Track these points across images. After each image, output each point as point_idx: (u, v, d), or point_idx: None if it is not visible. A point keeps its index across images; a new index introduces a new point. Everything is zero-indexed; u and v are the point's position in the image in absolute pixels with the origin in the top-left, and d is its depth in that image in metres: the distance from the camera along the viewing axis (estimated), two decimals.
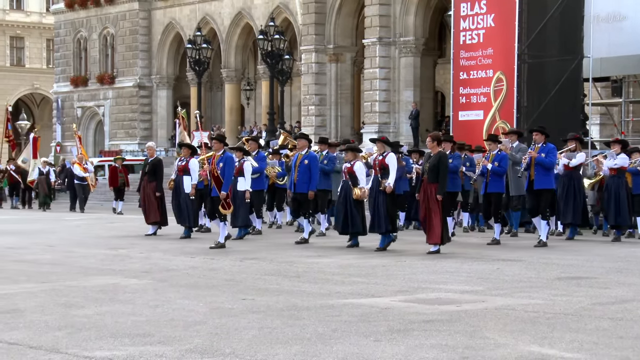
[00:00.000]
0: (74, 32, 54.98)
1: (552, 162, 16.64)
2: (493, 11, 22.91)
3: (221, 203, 16.50)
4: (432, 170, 15.13)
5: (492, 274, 12.94)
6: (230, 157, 16.95)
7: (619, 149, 17.95)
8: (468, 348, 7.59)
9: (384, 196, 15.68)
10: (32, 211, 34.29)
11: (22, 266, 14.14)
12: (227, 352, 7.47)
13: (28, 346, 7.72)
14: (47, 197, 34.89)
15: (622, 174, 17.91)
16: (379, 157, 15.95)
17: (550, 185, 16.74)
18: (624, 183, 17.89)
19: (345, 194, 16.37)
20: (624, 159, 17.84)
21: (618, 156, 17.89)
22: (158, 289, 11.37)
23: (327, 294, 10.80)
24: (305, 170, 17.58)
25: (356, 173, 16.13)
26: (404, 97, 38.72)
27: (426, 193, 15.20)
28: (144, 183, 20.23)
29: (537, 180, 16.53)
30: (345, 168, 16.45)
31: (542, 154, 16.47)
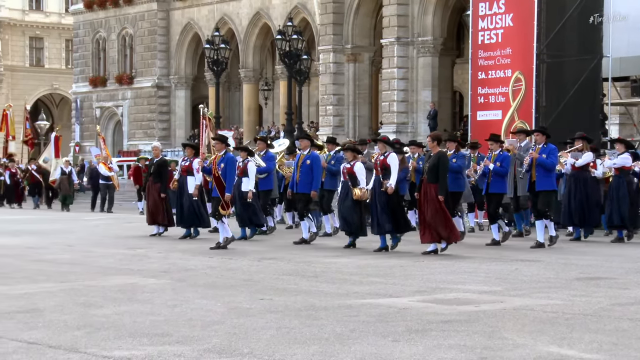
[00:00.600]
0: (92, 32, 55.17)
1: (553, 163, 16.40)
2: (512, 11, 22.82)
3: (221, 204, 16.38)
4: (431, 171, 15.00)
5: (511, 274, 12.90)
6: (232, 157, 16.82)
7: (622, 148, 17.67)
8: (486, 348, 7.57)
9: (386, 197, 15.52)
10: (53, 211, 34.39)
11: (41, 266, 14.20)
12: (245, 352, 7.48)
13: (47, 345, 7.75)
14: (68, 197, 34.95)
15: (626, 173, 17.61)
16: (381, 158, 15.80)
17: (551, 187, 16.50)
18: (625, 183, 17.59)
19: (346, 194, 16.24)
20: (625, 159, 17.51)
21: (619, 156, 17.59)
22: (176, 288, 11.40)
23: (345, 294, 10.80)
24: (307, 171, 17.44)
25: (356, 173, 15.94)
26: (422, 97, 38.67)
27: (426, 193, 15.08)
28: (149, 184, 20.25)
29: (538, 181, 16.30)
30: (344, 168, 16.29)
31: (543, 154, 16.25)
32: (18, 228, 23.25)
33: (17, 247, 17.68)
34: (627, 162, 17.58)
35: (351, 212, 16.17)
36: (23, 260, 14.98)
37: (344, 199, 16.36)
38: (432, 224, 14.96)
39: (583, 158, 17.97)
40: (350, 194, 16.07)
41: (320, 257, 15.21)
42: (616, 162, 17.56)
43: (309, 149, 17.83)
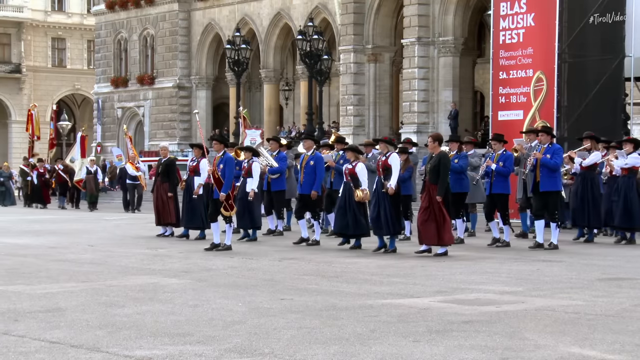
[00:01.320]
0: (114, 33, 55.38)
1: (556, 164, 16.10)
2: (533, 10, 22.74)
3: (223, 205, 16.19)
4: (432, 171, 14.86)
5: (532, 274, 12.86)
6: (230, 158, 16.57)
7: (630, 148, 17.30)
8: (508, 349, 7.55)
9: (387, 198, 15.35)
10: (79, 211, 34.45)
11: (63, 265, 14.27)
12: (266, 351, 7.48)
13: (69, 345, 7.79)
14: (94, 197, 35.02)
15: (634, 174, 17.29)
16: (382, 158, 15.63)
17: (556, 187, 16.23)
18: (634, 183, 17.25)
19: (347, 196, 15.96)
20: (636, 159, 17.19)
21: (629, 155, 17.23)
22: (197, 288, 11.42)
23: (366, 294, 10.79)
24: (311, 172, 17.25)
25: (358, 174, 15.70)
26: (442, 97, 38.61)
27: (429, 194, 14.94)
28: (157, 184, 20.19)
29: (542, 182, 16.06)
30: (346, 169, 16.03)
31: (548, 154, 16.00)
32: (40, 228, 23.37)
33: (40, 246, 17.77)
34: (638, 162, 17.25)
35: (355, 214, 15.89)
36: (45, 260, 15.06)
37: (345, 200, 16.02)
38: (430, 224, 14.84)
39: (590, 157, 17.75)
40: (352, 196, 15.80)
41: (341, 257, 15.21)
42: (627, 162, 17.18)
43: (313, 150, 17.64)
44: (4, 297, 10.56)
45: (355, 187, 15.70)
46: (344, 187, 16.17)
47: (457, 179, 17.29)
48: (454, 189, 17.30)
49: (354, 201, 15.79)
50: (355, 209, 15.86)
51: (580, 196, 17.76)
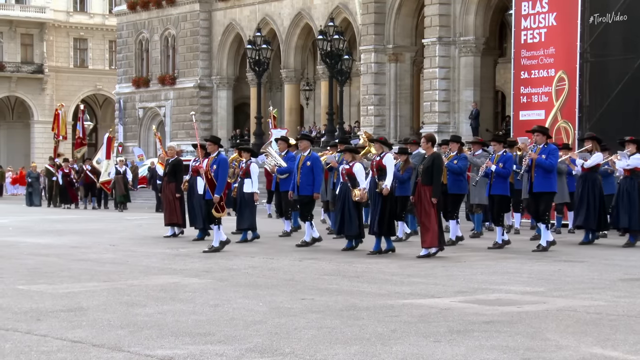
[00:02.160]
0: (135, 33, 55.57)
1: (551, 164, 15.79)
2: (555, 10, 22.67)
3: (215, 206, 15.89)
4: (425, 172, 14.61)
5: (554, 274, 12.82)
6: (224, 159, 16.36)
7: (633, 148, 16.90)
8: (529, 350, 7.53)
9: (381, 198, 15.12)
10: (108, 211, 34.37)
11: (85, 265, 14.34)
12: (287, 351, 7.49)
13: (91, 344, 7.82)
14: (123, 197, 34.97)
15: (637, 175, 16.91)
16: (377, 158, 15.39)
17: (550, 188, 15.93)
18: (637, 185, 16.89)
19: (344, 196, 15.76)
20: (638, 160, 16.81)
21: (632, 156, 16.86)
22: (218, 288, 11.45)
23: (387, 294, 10.79)
24: (308, 172, 17.04)
25: (355, 174, 15.53)
26: (463, 97, 38.51)
27: (420, 195, 14.72)
28: (164, 184, 20.13)
29: (536, 182, 15.80)
30: (343, 169, 15.82)
31: (543, 155, 15.75)
32: (62, 228, 23.49)
33: (62, 246, 17.86)
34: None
35: (350, 215, 15.70)
36: (67, 260, 15.14)
37: (342, 200, 15.82)
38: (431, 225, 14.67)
39: (592, 159, 17.45)
40: (348, 196, 15.60)
41: (361, 257, 15.21)
42: (630, 164, 16.83)
43: (309, 150, 17.38)
44: (26, 297, 10.62)
45: (353, 187, 15.49)
46: (340, 188, 15.96)
47: (455, 180, 17.12)
48: (452, 190, 17.15)
49: (351, 201, 15.58)
50: (352, 210, 15.67)
51: (581, 198, 17.45)
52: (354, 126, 44.34)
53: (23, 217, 28.88)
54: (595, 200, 17.30)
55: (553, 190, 16.09)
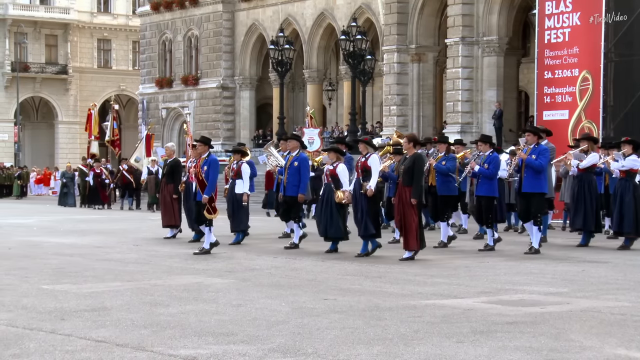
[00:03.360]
0: (159, 34, 55.76)
1: (541, 165, 15.49)
2: (579, 9, 22.58)
3: (206, 207, 15.73)
4: (406, 173, 14.31)
5: (577, 275, 12.77)
6: (215, 160, 16.15)
7: (629, 149, 16.57)
8: (552, 350, 7.50)
9: (366, 199, 14.90)
10: (140, 212, 34.33)
11: (108, 265, 14.40)
12: (310, 351, 7.50)
13: (115, 344, 7.85)
14: (155, 198, 34.76)
15: (632, 177, 16.56)
16: (362, 159, 15.12)
17: (540, 189, 15.62)
18: (631, 187, 16.49)
19: (327, 197, 15.52)
20: (634, 161, 16.46)
21: (628, 157, 16.51)
22: (241, 288, 11.47)
23: (409, 295, 10.78)
24: (295, 173, 16.62)
25: (339, 175, 15.26)
26: (486, 97, 38.39)
27: (401, 197, 14.43)
28: (162, 185, 19.99)
29: (525, 183, 15.55)
30: (327, 170, 15.57)
31: (533, 155, 15.48)
32: (86, 227, 23.61)
33: (86, 246, 17.95)
34: (636, 165, 16.53)
35: (333, 216, 15.46)
36: (91, 260, 15.21)
37: (325, 202, 15.60)
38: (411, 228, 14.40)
39: (587, 159, 17.11)
40: (331, 197, 15.37)
41: (383, 258, 15.19)
42: (624, 165, 16.50)
43: (298, 151, 16.99)
44: (50, 296, 10.68)
45: (336, 189, 15.25)
46: (324, 189, 15.74)
47: (444, 182, 16.94)
48: (441, 192, 16.98)
49: (334, 203, 15.34)
50: (334, 211, 15.42)
51: (577, 199, 17.13)
52: (375, 126, 44.30)
53: (47, 217, 29.04)
54: (591, 201, 16.98)
55: (543, 191, 15.76)
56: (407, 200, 14.32)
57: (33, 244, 18.32)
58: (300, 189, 16.68)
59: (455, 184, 17.38)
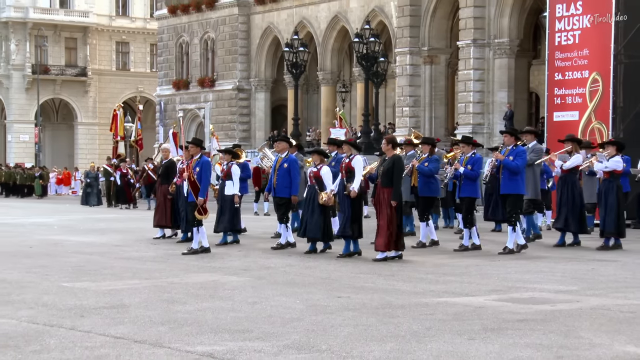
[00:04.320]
0: (176, 36, 55.85)
1: (517, 166, 15.28)
2: (589, 12, 22.51)
3: (197, 208, 15.57)
4: (385, 174, 14.12)
5: (587, 274, 12.74)
6: (207, 161, 16.05)
7: (613, 150, 16.35)
8: (563, 347, 7.49)
9: (349, 200, 14.73)
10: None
11: (127, 263, 14.44)
12: (324, 348, 7.51)
13: (133, 340, 7.88)
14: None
15: (616, 178, 16.31)
16: (346, 160, 14.97)
17: (516, 190, 15.42)
18: (614, 188, 16.23)
19: (311, 199, 15.36)
20: (617, 162, 16.26)
21: (611, 159, 16.29)
22: (256, 286, 11.49)
23: (422, 293, 10.78)
24: (284, 174, 16.42)
25: (323, 177, 15.11)
26: (498, 99, 38.32)
27: (379, 197, 14.24)
28: (157, 185, 19.83)
29: (502, 184, 15.40)
30: (311, 172, 15.41)
31: (511, 157, 15.30)
32: (105, 226, 23.68)
33: (105, 244, 18.00)
34: (619, 166, 16.31)
35: (314, 217, 15.28)
36: (110, 258, 15.26)
37: (309, 203, 15.44)
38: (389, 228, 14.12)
39: (571, 160, 16.87)
40: (315, 199, 15.20)
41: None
42: (608, 166, 16.27)
43: (287, 152, 16.80)
44: (70, 294, 10.73)
45: (320, 190, 15.10)
46: (308, 191, 15.58)
47: (426, 183, 16.77)
48: (422, 193, 16.79)
49: (317, 204, 15.18)
50: (317, 212, 15.27)
51: (561, 200, 16.92)
52: (388, 127, 44.25)
53: (67, 216, 29.14)
54: (574, 202, 16.78)
55: (519, 192, 15.56)
56: (385, 200, 14.13)
57: (53, 243, 18.39)
58: (292, 190, 16.47)
59: (441, 185, 17.27)
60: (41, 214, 30.42)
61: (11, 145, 69.08)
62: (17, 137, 68.81)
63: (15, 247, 17.35)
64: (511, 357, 7.12)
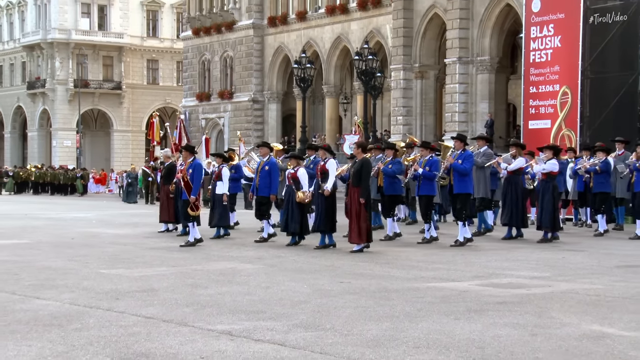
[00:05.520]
0: (199, 55, 55.86)
1: (465, 169, 15.19)
2: (560, 33, 22.46)
3: (190, 205, 15.52)
4: (355, 175, 14.06)
5: (558, 262, 12.72)
6: (199, 164, 15.90)
7: (550, 154, 16.22)
8: (537, 326, 7.48)
9: (323, 198, 14.65)
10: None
11: (156, 253, 14.45)
12: (328, 327, 7.50)
13: (161, 320, 7.88)
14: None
15: (552, 178, 16.16)
16: (321, 163, 14.94)
17: (465, 190, 15.32)
18: (551, 188, 16.07)
19: (290, 197, 15.20)
20: (553, 165, 16.13)
21: (548, 161, 16.13)
22: (269, 272, 11.48)
23: (413, 279, 10.76)
24: (265, 175, 16.34)
25: (299, 178, 14.97)
26: (480, 109, 38.30)
27: (351, 196, 14.16)
28: (160, 185, 19.60)
29: (455, 185, 15.27)
30: (289, 174, 15.28)
31: (460, 160, 15.22)
32: (138, 220, 23.69)
33: (137, 236, 18.02)
34: (555, 168, 16.16)
35: (293, 213, 15.11)
36: (141, 248, 15.26)
37: (287, 201, 15.27)
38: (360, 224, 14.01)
39: (515, 163, 16.71)
40: (293, 197, 15.06)
41: (391, 247, 15.18)
42: (545, 168, 16.11)
43: (268, 156, 16.73)
44: (107, 279, 10.73)
45: (297, 190, 14.96)
46: (286, 190, 15.44)
47: (391, 183, 16.62)
48: (387, 192, 16.66)
49: (295, 202, 15.01)
50: (296, 210, 15.10)
51: (505, 198, 16.74)
52: (384, 134, 44.20)
53: (105, 212, 29.16)
54: (517, 200, 16.59)
55: (468, 191, 15.45)
56: (355, 198, 14.04)
57: (92, 235, 18.40)
58: (271, 190, 16.35)
59: (402, 184, 17.10)
60: (81, 210, 30.45)
61: (56, 150, 69.17)
62: (61, 143, 68.88)
63: (59, 238, 17.37)
64: (491, 335, 7.11)
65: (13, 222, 22.73)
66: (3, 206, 33.60)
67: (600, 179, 18.14)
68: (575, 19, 21.99)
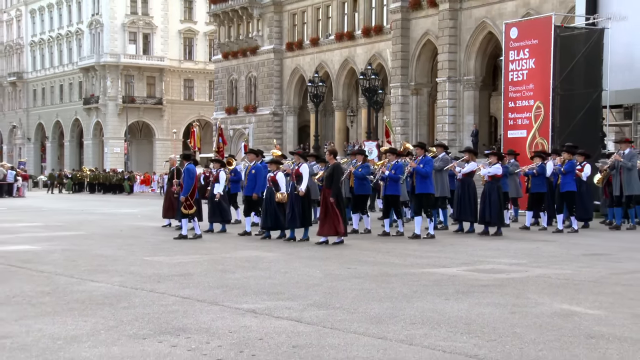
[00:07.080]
0: (227, 75, 55.96)
1: (426, 172, 15.07)
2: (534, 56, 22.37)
3: (183, 205, 15.32)
4: (327, 178, 13.93)
5: (533, 251, 12.67)
6: (191, 168, 15.47)
7: (494, 159, 16.07)
8: (515, 305, 7.46)
9: (298, 198, 14.38)
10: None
11: (192, 242, 14.47)
12: (337, 306, 7.50)
13: (196, 300, 7.90)
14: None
15: (497, 180, 15.93)
16: (295, 167, 14.77)
17: (427, 190, 15.14)
18: (496, 188, 15.84)
19: (270, 197, 14.86)
20: (497, 168, 15.94)
21: (493, 166, 15.96)
22: (287, 260, 11.49)
23: (410, 265, 10.75)
24: (252, 178, 16.21)
25: (278, 181, 14.72)
26: (466, 121, 38.25)
27: (325, 196, 13.97)
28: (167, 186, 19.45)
29: (417, 186, 15.12)
30: (269, 177, 14.99)
31: (421, 164, 15.10)
32: None
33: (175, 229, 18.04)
34: (499, 171, 15.98)
35: (274, 212, 14.76)
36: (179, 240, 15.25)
37: (268, 201, 14.92)
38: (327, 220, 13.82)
39: (468, 167, 16.48)
40: (273, 198, 14.74)
41: (390, 240, 15.15)
42: (490, 171, 15.93)
43: (255, 162, 16.52)
44: (150, 265, 10.76)
45: (276, 191, 14.67)
46: (267, 191, 15.10)
47: (360, 184, 16.34)
48: (357, 191, 16.42)
49: (274, 202, 14.70)
50: (276, 209, 14.79)
51: (460, 196, 16.46)
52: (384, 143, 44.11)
53: (148, 208, 29.22)
54: (470, 199, 16.36)
55: (430, 191, 15.27)
56: (327, 199, 13.91)
57: (137, 227, 18.44)
58: (255, 190, 16.11)
59: (370, 184, 16.73)
60: (128, 206, 30.53)
61: (107, 156, 69.48)
62: (112, 150, 69.15)
63: (110, 230, 17.42)
64: (476, 313, 7.09)
65: (72, 217, 22.83)
66: (64, 203, 33.76)
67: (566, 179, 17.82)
68: (547, 44, 21.91)
